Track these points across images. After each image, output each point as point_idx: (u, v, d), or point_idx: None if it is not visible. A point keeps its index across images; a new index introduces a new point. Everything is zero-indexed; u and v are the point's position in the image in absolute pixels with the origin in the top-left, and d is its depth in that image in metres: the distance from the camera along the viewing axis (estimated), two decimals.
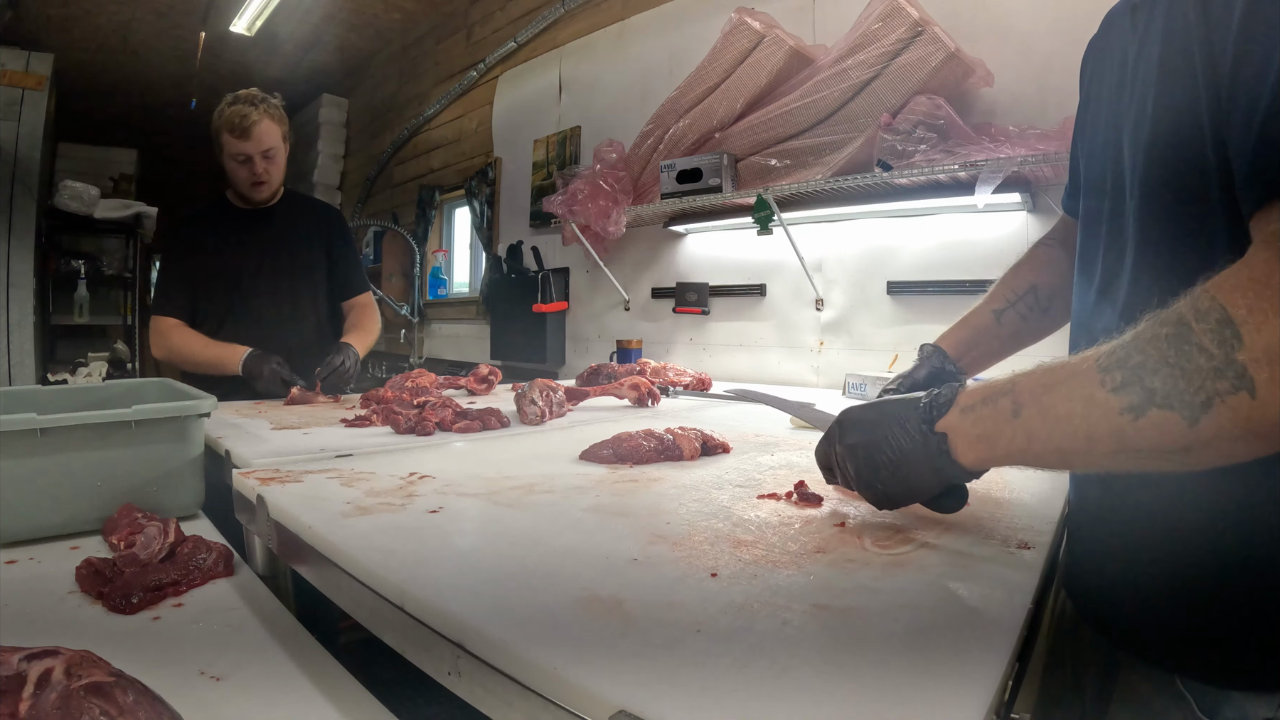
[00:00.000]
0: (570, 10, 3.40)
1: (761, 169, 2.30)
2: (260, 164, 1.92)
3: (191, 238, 2.00)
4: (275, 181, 1.99)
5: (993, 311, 0.97)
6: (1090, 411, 0.49)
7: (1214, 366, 0.43)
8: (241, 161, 1.90)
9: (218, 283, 1.96)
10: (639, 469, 1.01)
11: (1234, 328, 0.42)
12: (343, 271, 2.15)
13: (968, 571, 0.60)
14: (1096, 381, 0.48)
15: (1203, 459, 0.46)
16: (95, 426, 0.89)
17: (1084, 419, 0.49)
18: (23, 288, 3.87)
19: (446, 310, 4.32)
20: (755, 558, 0.63)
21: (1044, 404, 0.52)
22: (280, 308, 2.01)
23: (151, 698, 0.45)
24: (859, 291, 2.28)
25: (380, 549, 0.65)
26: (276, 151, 1.95)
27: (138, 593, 0.71)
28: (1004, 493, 0.87)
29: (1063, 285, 0.91)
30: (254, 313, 1.97)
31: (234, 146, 1.88)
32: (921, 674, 0.43)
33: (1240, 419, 0.42)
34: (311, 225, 2.11)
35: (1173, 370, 0.44)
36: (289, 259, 2.03)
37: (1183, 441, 0.45)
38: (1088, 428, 0.49)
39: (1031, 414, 0.53)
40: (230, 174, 1.95)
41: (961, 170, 1.79)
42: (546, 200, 2.85)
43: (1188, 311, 0.45)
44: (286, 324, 2.01)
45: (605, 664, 0.44)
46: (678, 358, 2.79)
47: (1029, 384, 0.54)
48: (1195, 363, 0.43)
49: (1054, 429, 0.52)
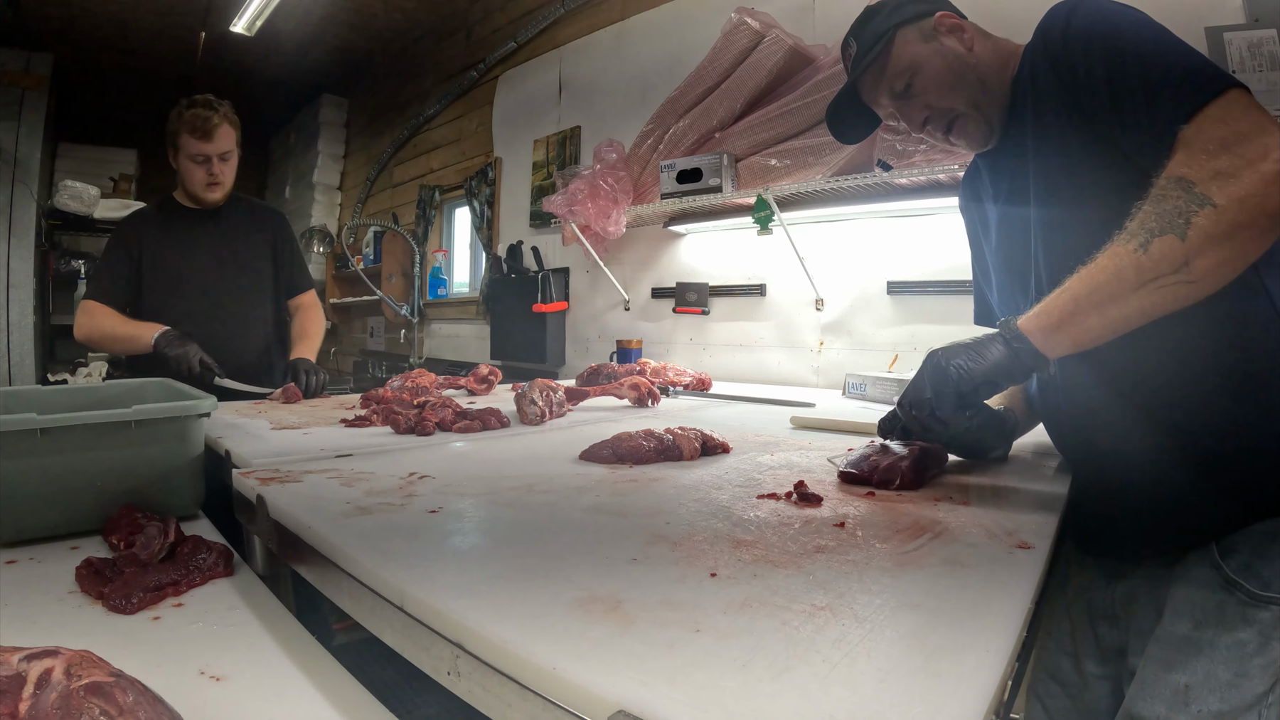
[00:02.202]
0: (570, 10, 3.40)
1: (761, 169, 2.30)
2: (217, 165, 1.98)
3: (136, 233, 2.04)
4: (228, 184, 2.05)
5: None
6: (1115, 261, 0.70)
7: (1181, 203, 0.67)
8: (200, 162, 1.96)
9: (160, 281, 2.00)
10: (639, 469, 1.01)
11: (1186, 182, 0.68)
12: (288, 272, 2.20)
13: (967, 571, 0.60)
14: (1116, 242, 0.71)
15: (1201, 269, 0.67)
16: (95, 426, 0.89)
17: (1113, 267, 0.71)
18: (23, 288, 3.86)
19: (446, 310, 4.32)
20: (755, 558, 0.63)
21: (1082, 274, 0.73)
22: (224, 306, 2.04)
23: (151, 698, 0.45)
24: (859, 291, 2.28)
25: (380, 549, 0.65)
26: (232, 155, 2.02)
27: (138, 593, 0.71)
28: (1004, 493, 0.87)
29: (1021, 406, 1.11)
30: (197, 311, 1.99)
31: (193, 147, 1.94)
32: (921, 674, 0.43)
33: (1212, 224, 0.66)
34: (256, 227, 2.15)
35: (1159, 214, 0.69)
36: (233, 259, 2.07)
37: (1180, 256, 0.67)
38: (1115, 269, 0.70)
39: (1073, 283, 0.74)
40: (186, 174, 2.00)
41: (961, 170, 1.79)
42: (546, 200, 2.85)
43: (1156, 191, 0.70)
44: (230, 322, 2.04)
45: (605, 664, 0.44)
46: (678, 358, 2.79)
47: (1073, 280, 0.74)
48: (1171, 205, 0.68)
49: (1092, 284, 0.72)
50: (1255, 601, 0.73)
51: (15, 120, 3.82)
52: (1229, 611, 0.74)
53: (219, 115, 1.95)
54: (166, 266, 2.01)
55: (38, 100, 3.91)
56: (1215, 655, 0.74)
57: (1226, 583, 0.75)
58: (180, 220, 2.06)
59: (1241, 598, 0.74)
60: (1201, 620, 0.76)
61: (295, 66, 5.16)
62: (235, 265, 2.07)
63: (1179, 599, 0.78)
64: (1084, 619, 0.92)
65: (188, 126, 1.93)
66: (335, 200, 5.79)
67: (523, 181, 3.68)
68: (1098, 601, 0.90)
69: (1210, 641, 0.74)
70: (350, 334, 5.54)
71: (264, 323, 2.13)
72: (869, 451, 0.93)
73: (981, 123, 0.92)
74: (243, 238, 2.10)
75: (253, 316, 2.09)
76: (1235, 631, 0.73)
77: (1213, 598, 0.75)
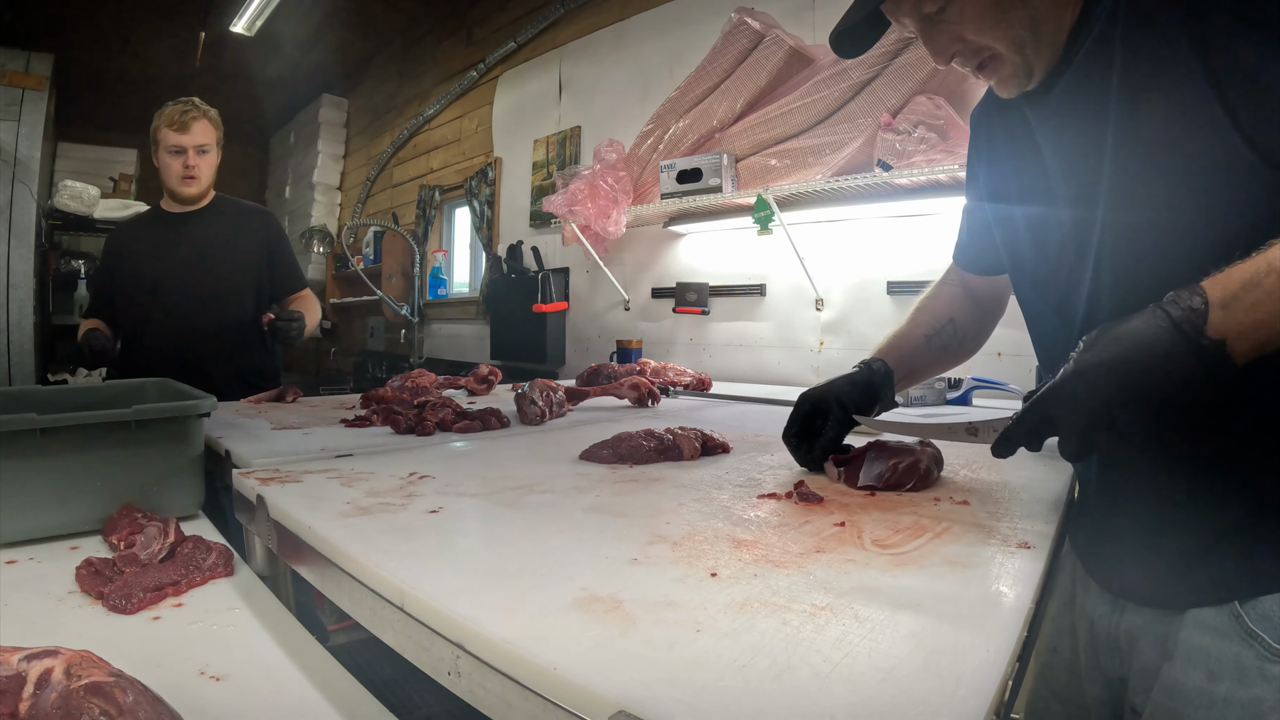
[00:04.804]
0: (570, 10, 3.40)
1: (761, 169, 2.30)
2: (193, 158, 2.00)
3: (118, 242, 2.12)
4: (205, 179, 2.06)
5: (924, 336, 1.06)
6: None
7: None
8: (175, 154, 1.99)
9: (138, 286, 2.03)
10: (639, 469, 1.01)
11: None
12: (281, 272, 2.21)
13: (968, 571, 0.60)
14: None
15: None
16: (95, 426, 0.89)
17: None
18: (22, 288, 3.86)
19: (446, 310, 4.32)
20: (755, 558, 0.63)
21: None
22: (203, 308, 2.05)
23: (151, 698, 0.45)
24: (859, 291, 2.28)
25: (380, 549, 0.65)
26: (210, 150, 2.04)
27: (138, 593, 0.71)
28: (1004, 492, 0.87)
29: (971, 324, 1.07)
30: (173, 313, 2.01)
31: (170, 139, 1.98)
32: (921, 674, 0.43)
33: None
34: (242, 228, 2.16)
35: None
36: (214, 260, 2.08)
37: None
38: None
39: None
40: (163, 169, 2.03)
41: (961, 170, 1.79)
42: (546, 200, 2.85)
43: None
44: (209, 324, 2.05)
45: (605, 664, 0.44)
46: (678, 358, 2.79)
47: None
48: None
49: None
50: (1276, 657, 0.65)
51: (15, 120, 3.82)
52: (1246, 665, 0.67)
53: (198, 111, 2.00)
54: (142, 271, 2.04)
55: (38, 100, 3.90)
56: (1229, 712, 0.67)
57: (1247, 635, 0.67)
58: (162, 225, 2.09)
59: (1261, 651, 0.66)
60: (1216, 672, 0.68)
61: (295, 66, 5.15)
62: (214, 267, 2.07)
63: (1192, 646, 0.71)
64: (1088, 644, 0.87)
65: (166, 121, 1.98)
66: (335, 200, 5.79)
67: (523, 181, 3.68)
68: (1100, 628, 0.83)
69: (1225, 698, 0.68)
70: (350, 334, 5.54)
71: (241, 324, 2.12)
72: (874, 455, 0.91)
73: (1021, 68, 0.75)
74: (226, 239, 2.11)
75: (231, 318, 2.09)
76: (1253, 688, 0.66)
77: (1230, 649, 0.68)
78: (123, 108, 5.46)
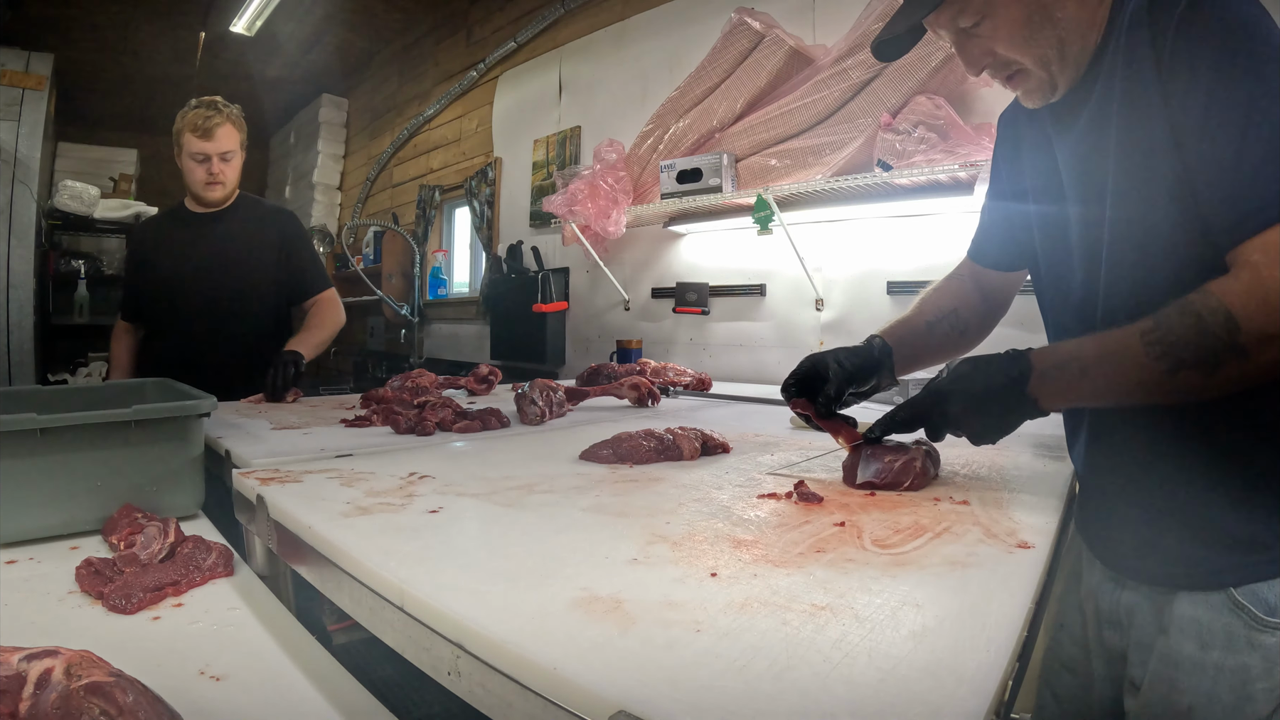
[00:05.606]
0: (570, 10, 3.40)
1: (761, 169, 2.30)
2: (217, 164, 2.00)
3: (139, 241, 2.12)
4: (230, 184, 2.06)
5: (926, 323, 1.10)
6: (1140, 373, 0.70)
7: (1222, 345, 0.65)
8: (200, 161, 1.98)
9: (159, 286, 2.04)
10: (639, 469, 1.01)
11: (1234, 320, 0.65)
12: (300, 273, 2.19)
13: (968, 571, 0.60)
14: (1143, 353, 0.70)
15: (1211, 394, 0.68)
16: (95, 426, 0.89)
17: (1136, 378, 0.71)
18: (22, 288, 3.86)
19: (446, 310, 4.32)
20: (755, 557, 0.63)
21: (1104, 368, 0.74)
22: (220, 307, 2.04)
23: (151, 698, 0.45)
24: (859, 291, 2.28)
25: (380, 549, 0.65)
26: (234, 155, 2.03)
27: (138, 593, 0.71)
28: (1004, 492, 0.87)
29: (974, 317, 1.12)
30: (191, 313, 2.02)
31: (194, 145, 1.97)
32: (921, 674, 0.43)
33: (1237, 371, 0.66)
34: (262, 228, 2.15)
35: (1195, 348, 0.67)
36: (234, 260, 2.07)
37: (1200, 385, 0.68)
38: (1139, 380, 0.71)
39: (1095, 374, 0.75)
40: (187, 173, 2.03)
41: (961, 170, 1.79)
42: (546, 200, 2.85)
43: (1202, 308, 0.67)
44: (227, 323, 2.04)
45: (605, 664, 0.44)
46: (678, 358, 2.79)
47: (1090, 352, 0.76)
48: (1210, 343, 0.66)
49: (1111, 383, 0.74)
50: (1263, 627, 0.72)
51: (15, 120, 3.82)
52: (1236, 635, 0.73)
53: (221, 115, 1.97)
54: (161, 270, 2.04)
55: (38, 100, 3.90)
56: (1220, 679, 0.73)
57: (1235, 606, 0.74)
58: (182, 224, 2.10)
59: (1249, 621, 0.73)
60: (1208, 642, 0.75)
61: (295, 66, 5.16)
62: (232, 266, 2.07)
63: (1185, 618, 0.77)
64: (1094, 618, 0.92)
65: (190, 126, 1.96)
66: (335, 200, 5.79)
67: (523, 181, 3.68)
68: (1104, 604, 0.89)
69: (1216, 664, 0.74)
70: (350, 334, 5.54)
71: (259, 324, 2.11)
72: (870, 453, 0.92)
73: (1046, 83, 0.83)
74: (245, 239, 2.10)
75: (247, 317, 2.08)
76: (1241, 655, 0.72)
77: (1219, 620, 0.74)
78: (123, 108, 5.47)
